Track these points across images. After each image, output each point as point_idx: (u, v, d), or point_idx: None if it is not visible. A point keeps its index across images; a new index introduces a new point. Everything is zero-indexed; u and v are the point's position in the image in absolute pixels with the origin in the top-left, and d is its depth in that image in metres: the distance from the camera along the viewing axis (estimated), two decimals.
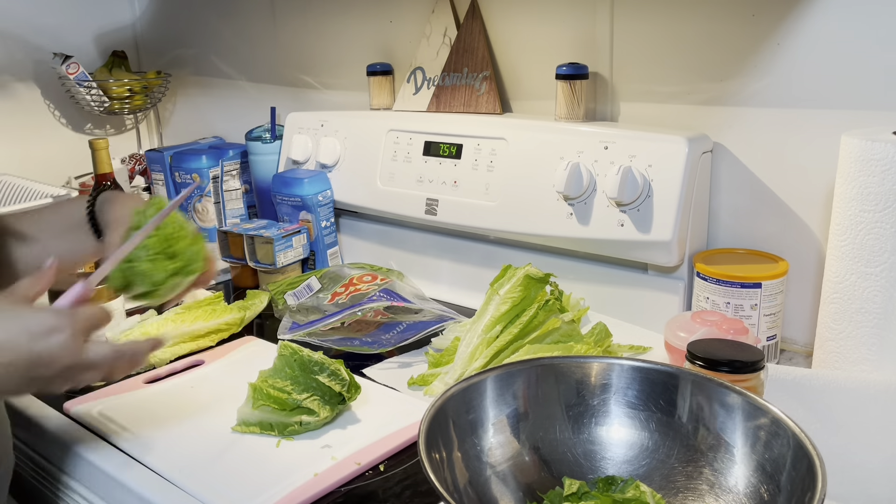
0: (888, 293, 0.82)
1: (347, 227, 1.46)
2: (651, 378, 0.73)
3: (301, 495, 0.75)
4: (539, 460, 0.72)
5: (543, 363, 0.76)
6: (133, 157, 1.81)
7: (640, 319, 1.11)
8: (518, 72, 1.28)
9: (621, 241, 1.07)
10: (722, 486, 0.67)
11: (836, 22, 0.96)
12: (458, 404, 0.70)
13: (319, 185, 1.37)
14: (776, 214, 1.06)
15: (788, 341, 1.08)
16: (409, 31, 1.40)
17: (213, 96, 1.85)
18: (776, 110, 1.03)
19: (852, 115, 0.97)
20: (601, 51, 1.17)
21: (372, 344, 1.07)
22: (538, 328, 0.98)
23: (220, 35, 1.78)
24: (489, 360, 0.96)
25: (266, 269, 1.30)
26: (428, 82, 1.34)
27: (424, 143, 1.28)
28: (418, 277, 1.33)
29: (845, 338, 0.87)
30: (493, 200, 1.19)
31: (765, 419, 0.66)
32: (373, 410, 0.92)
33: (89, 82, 1.73)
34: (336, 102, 1.57)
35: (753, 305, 0.98)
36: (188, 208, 1.65)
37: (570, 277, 1.16)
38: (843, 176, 0.86)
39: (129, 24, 1.95)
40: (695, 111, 1.10)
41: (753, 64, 1.03)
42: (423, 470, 0.59)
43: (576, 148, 1.11)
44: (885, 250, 0.82)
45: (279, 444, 0.84)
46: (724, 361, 0.75)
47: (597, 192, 1.09)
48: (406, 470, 0.82)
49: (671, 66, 1.11)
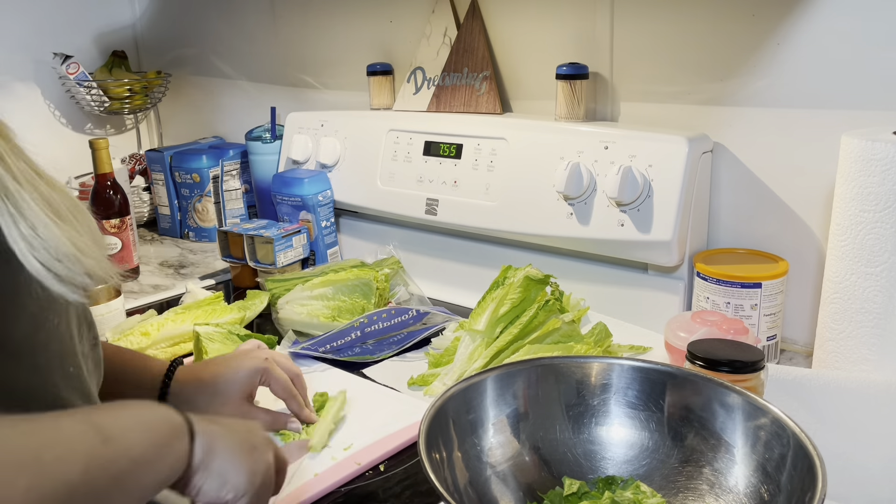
0: (888, 293, 0.82)
1: (347, 227, 1.46)
2: (651, 378, 0.73)
3: (301, 495, 0.76)
4: (539, 460, 0.72)
5: (543, 363, 0.76)
6: (133, 157, 1.81)
7: (640, 319, 1.11)
8: (518, 72, 1.28)
9: (621, 241, 1.07)
10: (722, 486, 0.67)
11: (836, 22, 0.96)
12: (459, 404, 0.70)
13: (319, 184, 1.37)
14: (776, 214, 1.06)
15: (788, 341, 1.08)
16: (409, 31, 1.40)
17: (213, 96, 1.85)
18: (776, 110, 1.03)
19: (852, 115, 0.97)
20: (601, 51, 1.17)
21: (373, 352, 1.07)
22: (538, 328, 0.98)
23: (220, 35, 1.78)
24: (489, 361, 0.96)
25: (266, 269, 1.30)
26: (428, 82, 1.34)
27: (424, 143, 1.28)
28: (418, 277, 1.33)
29: (845, 338, 0.87)
30: (493, 200, 1.19)
31: (765, 419, 0.66)
32: (373, 410, 0.92)
33: (89, 82, 1.73)
34: (336, 102, 1.57)
35: (753, 305, 0.98)
36: (188, 208, 1.65)
37: (570, 277, 1.16)
38: (843, 176, 0.86)
39: (129, 24, 1.95)
40: (695, 111, 1.10)
41: (753, 64, 1.03)
42: (424, 470, 0.59)
43: (576, 148, 1.11)
44: (885, 250, 0.82)
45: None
46: (724, 361, 0.75)
47: (597, 191, 1.09)
48: (406, 470, 0.82)
49: (671, 66, 1.11)
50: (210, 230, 1.65)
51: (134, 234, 1.43)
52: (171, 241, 1.69)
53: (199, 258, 1.57)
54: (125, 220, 1.40)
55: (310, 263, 1.38)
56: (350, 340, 1.08)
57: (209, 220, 1.65)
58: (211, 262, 1.54)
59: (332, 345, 1.07)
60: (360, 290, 1.16)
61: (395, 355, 1.08)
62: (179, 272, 1.49)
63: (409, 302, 1.25)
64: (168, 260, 1.56)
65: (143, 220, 1.78)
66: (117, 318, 1.14)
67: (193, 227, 1.67)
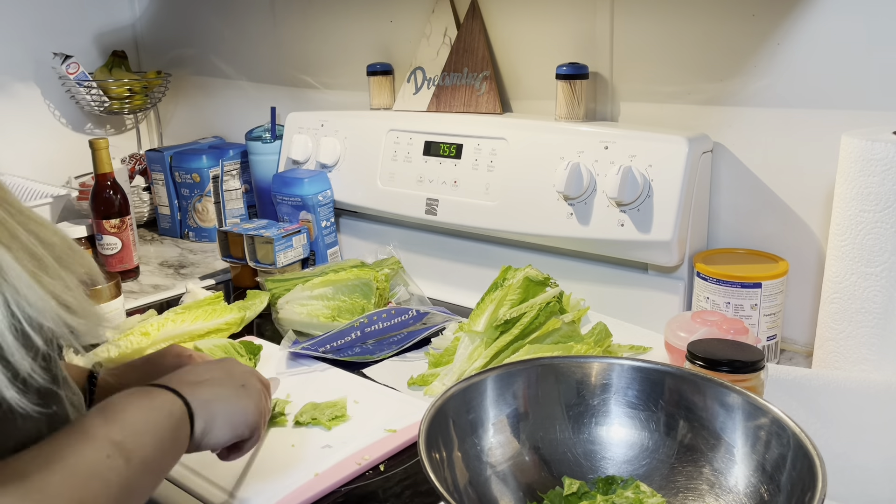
0: (888, 293, 0.82)
1: (347, 227, 1.46)
2: (651, 378, 0.73)
3: (301, 495, 0.76)
4: (539, 460, 0.72)
5: (543, 363, 0.76)
6: (133, 157, 1.81)
7: (640, 319, 1.11)
8: (518, 72, 1.28)
9: (621, 241, 1.07)
10: (722, 486, 0.67)
11: (835, 22, 0.96)
12: (458, 404, 0.70)
13: (319, 184, 1.37)
14: (776, 214, 1.06)
15: (788, 341, 1.08)
16: (409, 31, 1.40)
17: (213, 96, 1.85)
18: (776, 110, 1.03)
19: (852, 115, 0.97)
20: (601, 51, 1.17)
21: (373, 351, 1.07)
22: (538, 329, 0.98)
23: (220, 35, 1.78)
24: (489, 361, 0.96)
25: (266, 269, 1.30)
26: (428, 82, 1.34)
27: (424, 142, 1.28)
28: (418, 277, 1.33)
29: (845, 338, 0.87)
30: (493, 200, 1.19)
31: (765, 419, 0.66)
32: (373, 410, 0.92)
33: (89, 82, 1.73)
34: (336, 102, 1.57)
35: (753, 305, 0.98)
36: (188, 208, 1.65)
37: (570, 277, 1.16)
38: (843, 176, 0.86)
39: (129, 24, 1.95)
40: (695, 111, 1.10)
41: (753, 64, 1.03)
42: (424, 470, 0.59)
43: (576, 148, 1.11)
44: (885, 250, 0.82)
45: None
46: (724, 361, 0.75)
47: (597, 192, 1.09)
48: (406, 470, 0.82)
49: (671, 66, 1.11)
50: (210, 230, 1.65)
51: (134, 234, 1.43)
52: (171, 241, 1.69)
53: (199, 258, 1.57)
54: (125, 220, 1.40)
55: (310, 263, 1.38)
56: (350, 340, 1.08)
57: (209, 220, 1.65)
58: (211, 262, 1.54)
59: (332, 345, 1.07)
60: (360, 290, 1.16)
61: (395, 355, 1.08)
62: (179, 272, 1.49)
63: (409, 302, 1.25)
64: (168, 260, 1.56)
65: (143, 220, 1.78)
66: (117, 318, 1.14)
67: (193, 227, 1.67)
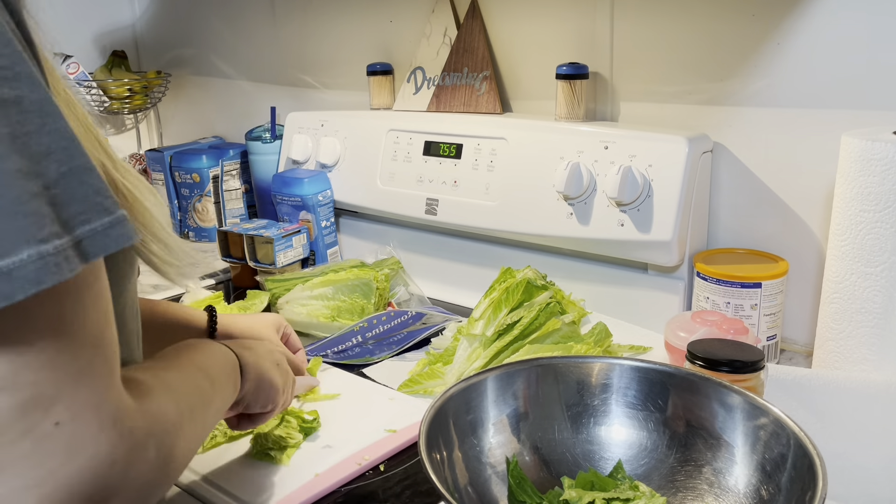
0: (888, 293, 0.82)
1: (347, 227, 1.46)
2: (651, 378, 0.73)
3: (301, 495, 0.76)
4: (539, 460, 0.72)
5: (543, 363, 0.76)
6: (133, 157, 1.82)
7: (640, 319, 1.11)
8: (518, 72, 1.28)
9: (621, 240, 1.07)
10: (722, 486, 0.67)
11: (835, 22, 0.96)
12: (458, 404, 0.70)
13: (319, 184, 1.37)
14: (776, 214, 1.06)
15: (788, 341, 1.08)
16: (409, 31, 1.40)
17: (213, 96, 1.85)
18: (776, 110, 1.03)
19: (852, 115, 0.97)
20: (601, 51, 1.17)
21: (373, 352, 1.07)
22: (538, 329, 0.98)
23: (220, 35, 1.77)
24: (489, 361, 0.96)
25: (266, 269, 1.30)
26: (428, 82, 1.34)
27: (424, 142, 1.28)
28: (418, 277, 1.33)
29: (845, 338, 0.87)
30: (493, 200, 1.19)
31: (765, 419, 0.66)
32: (373, 410, 0.92)
33: (89, 82, 1.73)
34: (336, 102, 1.57)
35: (753, 305, 0.98)
36: (188, 208, 1.65)
37: (570, 277, 1.16)
38: (843, 176, 0.86)
39: (129, 24, 1.95)
40: (695, 111, 1.10)
41: (753, 64, 1.03)
42: (424, 470, 0.59)
43: (576, 148, 1.11)
44: (885, 250, 0.82)
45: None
46: (724, 361, 0.75)
47: (597, 191, 1.09)
48: (406, 470, 0.82)
49: (671, 66, 1.11)
50: (210, 230, 1.65)
51: None
52: None
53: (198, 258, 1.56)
54: None
55: (310, 263, 1.38)
56: (350, 346, 1.09)
57: (209, 220, 1.65)
58: (211, 261, 1.54)
59: (332, 350, 1.07)
60: (360, 290, 1.16)
61: (395, 355, 1.08)
62: None
63: (409, 302, 1.25)
64: None
65: None
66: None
67: (193, 227, 1.67)
